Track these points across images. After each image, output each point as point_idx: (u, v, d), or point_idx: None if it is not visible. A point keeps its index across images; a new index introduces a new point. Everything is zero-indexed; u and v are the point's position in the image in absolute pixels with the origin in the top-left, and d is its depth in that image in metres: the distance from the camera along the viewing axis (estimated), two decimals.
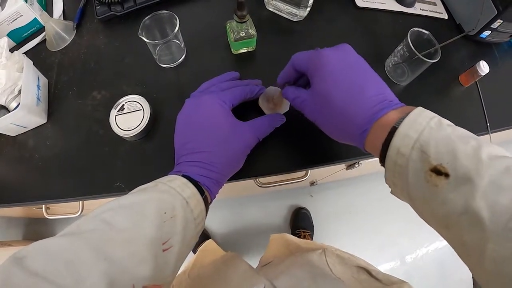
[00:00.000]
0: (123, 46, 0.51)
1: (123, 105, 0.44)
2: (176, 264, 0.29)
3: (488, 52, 0.53)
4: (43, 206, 0.67)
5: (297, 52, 0.37)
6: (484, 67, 0.45)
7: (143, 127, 0.42)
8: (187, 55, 0.50)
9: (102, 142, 0.45)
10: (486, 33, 0.50)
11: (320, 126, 0.35)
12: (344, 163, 0.67)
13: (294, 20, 0.52)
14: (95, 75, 0.49)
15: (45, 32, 0.51)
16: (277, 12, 0.53)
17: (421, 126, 0.27)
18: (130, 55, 0.50)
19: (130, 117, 0.43)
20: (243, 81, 0.44)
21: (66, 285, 0.20)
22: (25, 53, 0.51)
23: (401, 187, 0.29)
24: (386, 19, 0.54)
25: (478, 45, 0.52)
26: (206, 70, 0.47)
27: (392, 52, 0.48)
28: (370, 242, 1.35)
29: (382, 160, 0.29)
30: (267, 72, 0.44)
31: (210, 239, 1.23)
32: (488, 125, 0.47)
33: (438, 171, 0.25)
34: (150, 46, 0.46)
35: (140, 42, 0.44)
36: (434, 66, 0.43)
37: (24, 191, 0.44)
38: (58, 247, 0.23)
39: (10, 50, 0.46)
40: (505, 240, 0.21)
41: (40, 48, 0.52)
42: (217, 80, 0.42)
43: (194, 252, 1.19)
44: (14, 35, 0.51)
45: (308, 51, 0.35)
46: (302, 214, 1.34)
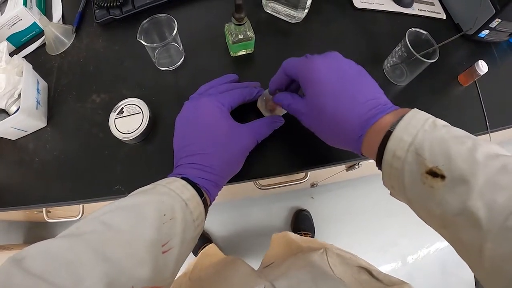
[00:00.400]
0: (122, 50, 0.51)
1: (122, 108, 0.44)
2: (175, 266, 0.29)
3: (487, 51, 0.53)
4: (44, 209, 0.67)
5: (296, 53, 0.37)
6: (483, 67, 0.45)
7: (142, 130, 0.43)
8: (186, 58, 0.50)
9: (102, 145, 0.45)
10: (485, 32, 0.50)
11: (316, 133, 0.36)
12: (343, 165, 0.67)
13: (292, 22, 0.52)
14: (95, 79, 0.49)
15: (44, 36, 0.51)
16: (275, 14, 0.53)
17: (415, 128, 0.27)
18: (129, 59, 0.51)
19: (129, 120, 0.43)
20: (242, 83, 0.44)
21: (65, 286, 0.21)
22: (24, 57, 0.51)
23: (398, 189, 0.29)
24: (384, 20, 0.54)
25: (477, 44, 0.53)
26: (205, 73, 0.47)
27: (390, 52, 0.48)
28: (372, 243, 1.35)
29: (379, 163, 0.30)
30: (266, 74, 0.44)
31: (212, 243, 1.23)
32: (487, 124, 0.47)
33: (433, 173, 0.25)
34: (149, 49, 0.46)
35: (139, 46, 0.44)
36: (433, 66, 0.43)
37: (24, 195, 0.44)
38: (57, 249, 0.23)
39: (10, 54, 0.46)
40: (502, 238, 0.21)
41: (39, 52, 0.53)
42: (215, 82, 0.43)
43: (196, 255, 1.19)
44: (13, 39, 0.52)
45: (298, 58, 0.36)
46: (303, 215, 1.34)
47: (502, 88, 0.50)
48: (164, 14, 0.45)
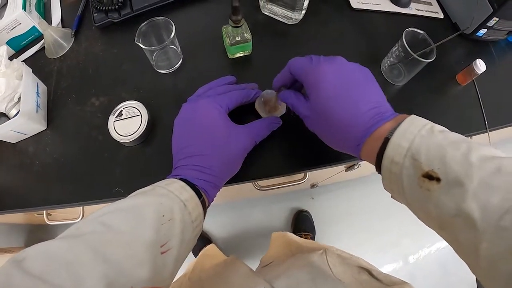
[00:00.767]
0: (121, 53, 0.52)
1: (121, 111, 0.44)
2: (174, 266, 0.29)
3: (485, 50, 0.53)
4: (44, 212, 0.67)
5: (293, 55, 0.37)
6: (480, 66, 0.45)
7: (141, 133, 0.43)
8: (184, 60, 0.50)
9: (101, 148, 0.45)
10: (483, 31, 0.50)
11: (318, 136, 0.37)
12: (343, 165, 0.67)
13: (290, 23, 0.53)
14: (94, 82, 0.50)
15: (43, 39, 0.52)
16: (272, 15, 0.53)
17: (412, 135, 0.28)
18: (128, 62, 0.51)
19: (128, 122, 0.43)
20: (240, 85, 0.44)
21: (65, 286, 0.21)
22: (24, 60, 0.52)
23: (398, 193, 0.30)
24: (382, 20, 0.54)
25: (475, 43, 0.53)
26: (203, 75, 0.47)
27: (388, 53, 0.48)
28: (372, 243, 1.35)
29: (378, 168, 0.31)
30: (264, 75, 0.44)
31: (212, 244, 1.23)
32: (486, 123, 0.47)
33: (430, 176, 0.26)
34: (147, 52, 0.46)
35: (137, 49, 0.44)
36: (431, 65, 0.43)
37: (25, 197, 0.44)
38: (57, 249, 0.23)
39: (10, 58, 0.46)
40: (497, 238, 0.21)
41: (39, 55, 0.53)
42: (213, 84, 0.43)
43: (196, 256, 1.19)
44: (13, 43, 0.52)
45: (304, 59, 0.36)
46: (303, 216, 1.34)
47: (501, 86, 0.50)
48: (162, 17, 0.45)
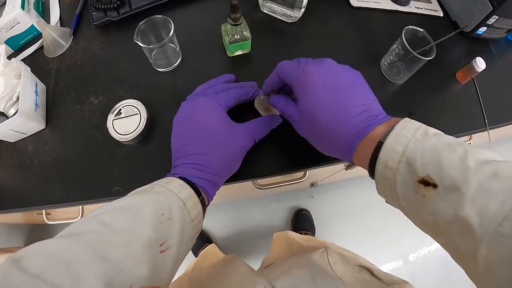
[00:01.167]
0: (120, 51, 0.52)
1: (120, 109, 0.44)
2: (173, 265, 0.29)
3: (484, 48, 0.53)
4: (44, 211, 0.67)
5: (293, 53, 0.37)
6: (480, 64, 0.45)
7: (140, 131, 0.43)
8: (183, 59, 0.50)
9: (100, 147, 0.45)
10: (482, 29, 0.50)
11: (308, 141, 0.36)
12: (342, 163, 0.67)
13: (289, 21, 0.52)
14: (92, 81, 0.50)
15: (42, 39, 0.52)
16: (271, 14, 0.53)
17: (406, 139, 0.27)
18: (127, 60, 0.51)
19: (127, 121, 0.43)
20: (239, 83, 0.44)
21: (64, 286, 0.21)
22: (22, 60, 0.52)
23: (392, 198, 0.29)
24: (381, 18, 0.54)
25: (475, 42, 0.52)
26: (202, 73, 0.47)
27: (387, 51, 0.48)
28: (372, 242, 1.35)
29: (371, 173, 0.30)
30: (263, 73, 0.44)
31: (213, 244, 1.23)
32: (486, 121, 0.47)
33: (426, 182, 0.25)
34: (146, 51, 0.46)
35: (136, 47, 0.44)
36: (431, 63, 0.43)
37: (24, 197, 0.44)
38: (56, 248, 0.23)
39: (8, 57, 0.46)
40: (496, 244, 0.21)
41: (37, 54, 0.53)
42: (212, 82, 0.43)
43: (196, 255, 1.19)
44: (11, 42, 0.52)
45: (292, 62, 0.35)
46: (303, 215, 1.34)
47: (500, 85, 0.50)
48: (160, 15, 0.45)
